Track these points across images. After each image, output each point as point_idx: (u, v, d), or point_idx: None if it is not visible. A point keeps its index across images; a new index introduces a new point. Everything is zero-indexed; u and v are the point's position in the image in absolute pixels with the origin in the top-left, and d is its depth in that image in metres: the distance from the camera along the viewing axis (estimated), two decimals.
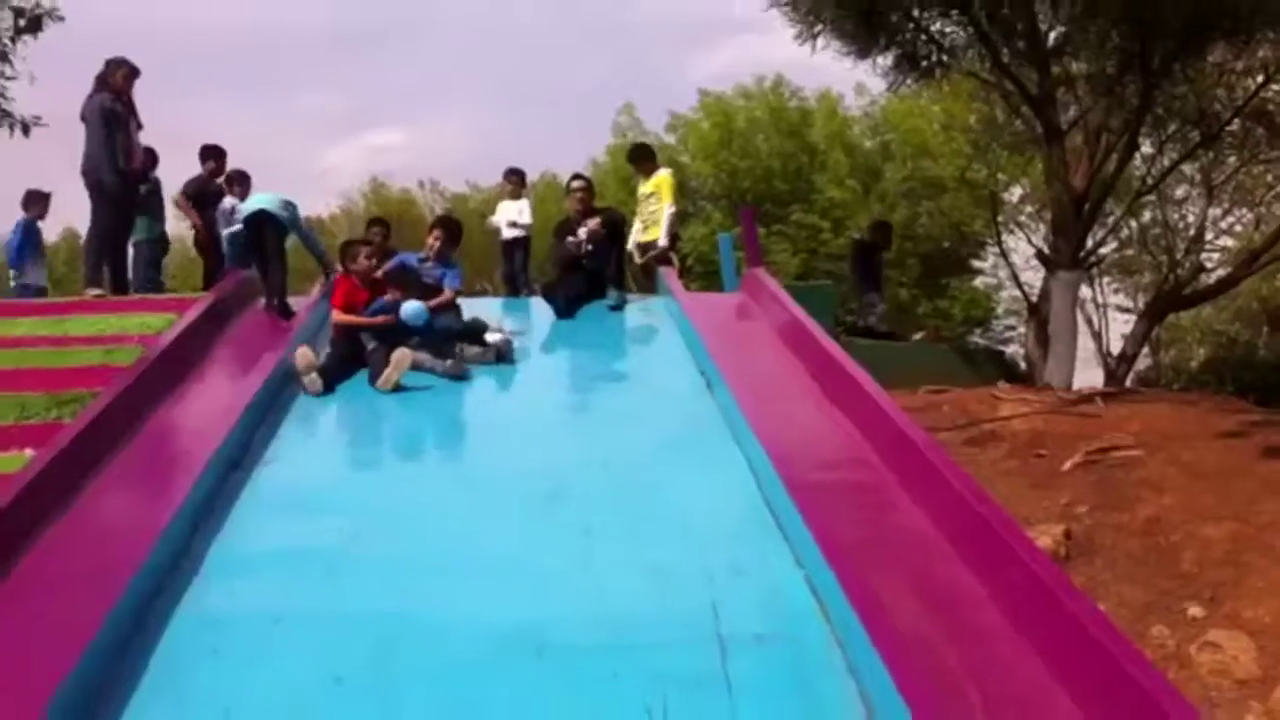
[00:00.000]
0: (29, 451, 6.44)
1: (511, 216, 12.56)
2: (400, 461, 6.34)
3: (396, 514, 5.58)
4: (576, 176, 10.98)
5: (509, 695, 4.08)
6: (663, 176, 12.11)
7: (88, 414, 6.15)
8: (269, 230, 9.52)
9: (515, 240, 12.54)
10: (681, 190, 31.35)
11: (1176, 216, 23.73)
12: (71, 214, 36.63)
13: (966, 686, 3.88)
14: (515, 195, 12.70)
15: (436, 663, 4.31)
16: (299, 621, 4.54)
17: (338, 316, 8.08)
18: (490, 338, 8.30)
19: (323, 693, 4.10)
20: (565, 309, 9.75)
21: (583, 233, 10.22)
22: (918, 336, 17.23)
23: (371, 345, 7.92)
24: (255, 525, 5.46)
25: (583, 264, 10.17)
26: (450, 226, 9.52)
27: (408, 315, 8.02)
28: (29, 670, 3.88)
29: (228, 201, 11.68)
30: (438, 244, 9.23)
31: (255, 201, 9.86)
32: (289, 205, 9.69)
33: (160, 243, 13.22)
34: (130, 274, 11.54)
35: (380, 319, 8.01)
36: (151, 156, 12.22)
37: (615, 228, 10.38)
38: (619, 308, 9.95)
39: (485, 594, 4.78)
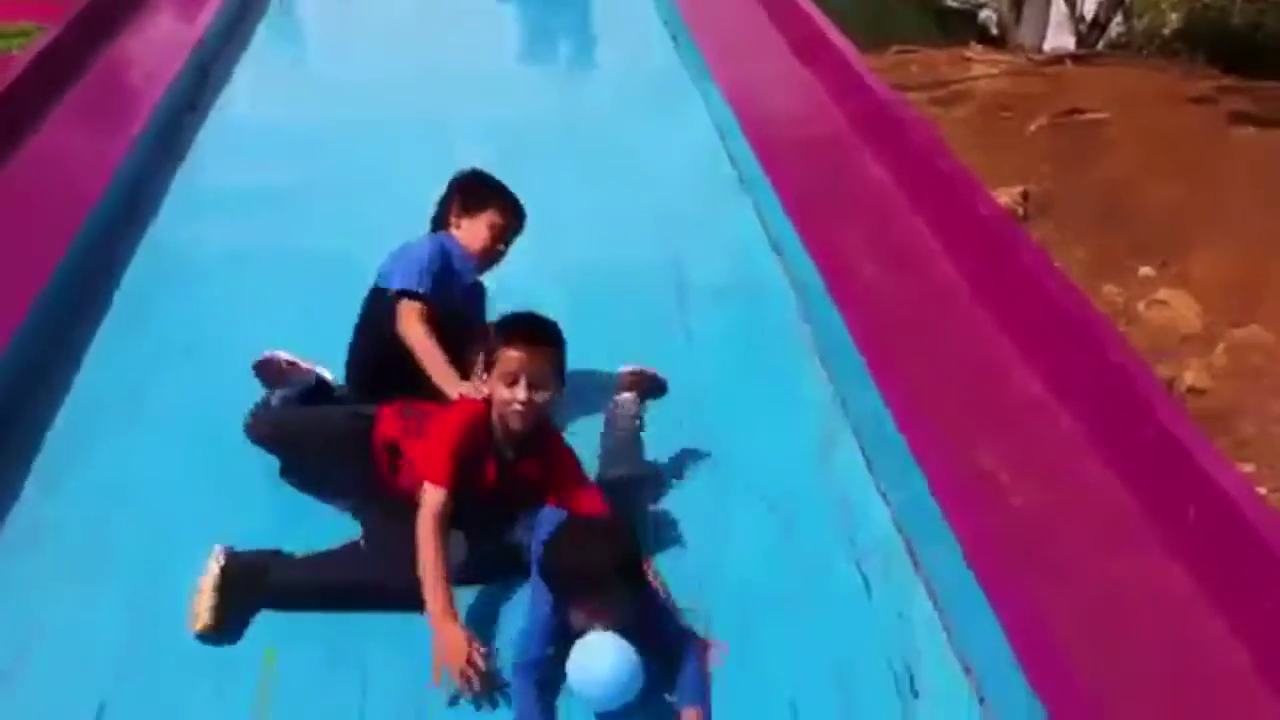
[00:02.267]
0: None
1: None
2: (358, 105, 6.22)
3: (353, 158, 5.54)
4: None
5: None
6: None
7: (36, 47, 5.96)
8: None
9: None
10: None
11: None
12: None
13: (919, 337, 3.97)
14: None
15: None
16: (262, 259, 4.57)
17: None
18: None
19: (289, 328, 4.15)
20: None
21: None
22: None
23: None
24: (213, 166, 5.42)
25: None
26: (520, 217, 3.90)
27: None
28: None
29: None
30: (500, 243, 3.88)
31: None
32: None
33: None
34: None
35: None
36: None
37: None
38: None
39: None
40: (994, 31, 18.09)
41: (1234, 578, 2.75)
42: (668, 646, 2.77)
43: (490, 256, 3.84)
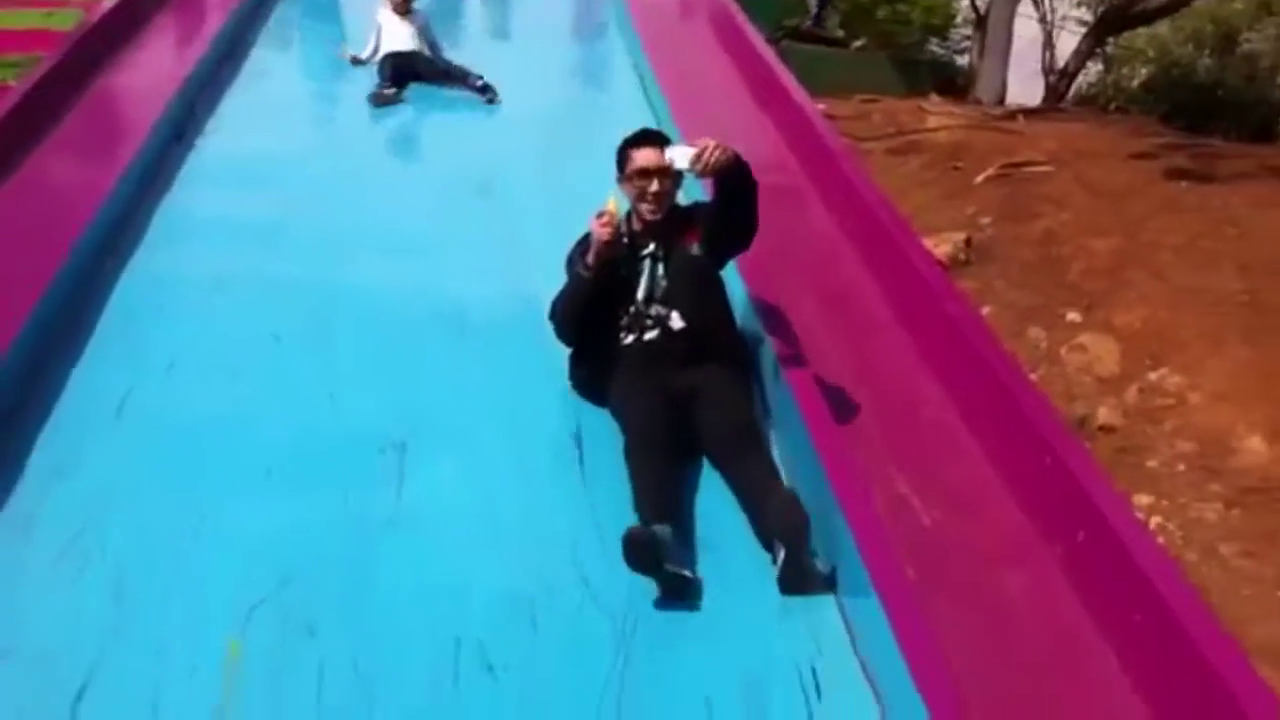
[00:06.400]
0: None
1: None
2: (339, 143, 6.50)
3: (333, 189, 5.83)
4: (645, 136, 4.62)
5: (433, 361, 4.45)
6: None
7: (31, 78, 6.15)
8: None
9: None
10: None
11: None
12: None
13: (848, 371, 4.28)
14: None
15: (368, 328, 4.64)
16: (240, 284, 4.84)
17: None
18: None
19: (262, 349, 4.44)
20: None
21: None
22: (858, 44, 17.16)
23: None
24: (198, 194, 5.67)
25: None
26: None
27: None
28: None
29: None
30: None
31: None
32: None
33: None
34: None
35: None
36: None
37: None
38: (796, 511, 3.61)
39: (414, 270, 5.08)
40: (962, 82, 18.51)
41: (1111, 593, 3.07)
42: None
43: None
